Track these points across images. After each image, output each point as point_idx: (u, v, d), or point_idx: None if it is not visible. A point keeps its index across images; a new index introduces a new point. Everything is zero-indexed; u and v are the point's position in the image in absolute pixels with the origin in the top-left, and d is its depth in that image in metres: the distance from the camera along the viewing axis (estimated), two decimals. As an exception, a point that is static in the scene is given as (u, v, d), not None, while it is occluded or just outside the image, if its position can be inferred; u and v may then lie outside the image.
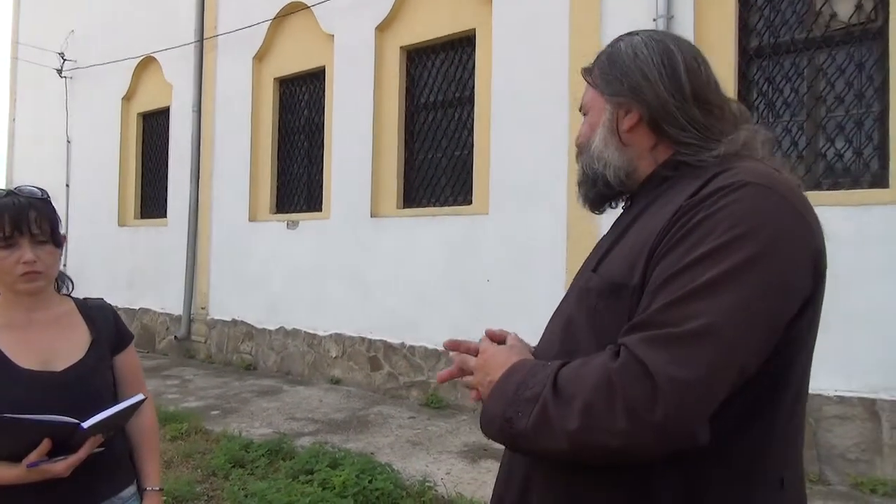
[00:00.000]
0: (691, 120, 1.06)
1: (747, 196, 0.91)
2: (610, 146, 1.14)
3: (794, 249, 0.90)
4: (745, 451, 0.94)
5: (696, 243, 0.89)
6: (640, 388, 0.83)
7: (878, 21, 4.11)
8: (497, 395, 1.00)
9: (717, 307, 0.84)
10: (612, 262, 1.06)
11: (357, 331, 6.63)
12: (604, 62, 1.17)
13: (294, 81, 7.71)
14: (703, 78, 1.09)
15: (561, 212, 5.25)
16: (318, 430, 5.27)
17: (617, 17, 5.01)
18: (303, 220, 7.30)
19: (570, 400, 0.89)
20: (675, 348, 0.83)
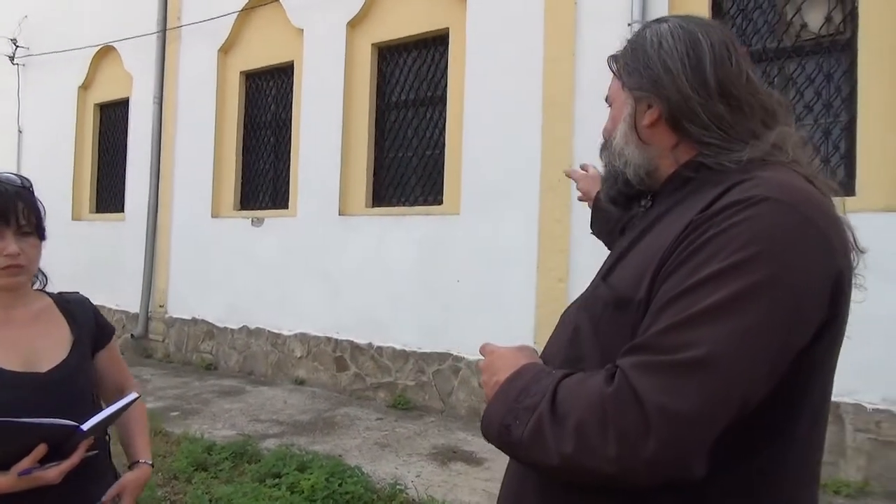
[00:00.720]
0: (716, 117, 0.98)
1: (764, 213, 0.83)
2: (630, 143, 1.07)
3: (811, 276, 0.83)
4: (750, 479, 0.89)
5: (703, 263, 0.83)
6: (632, 417, 0.79)
7: (846, 33, 4.21)
8: (500, 399, 0.97)
9: (717, 336, 0.78)
10: (622, 271, 1.00)
11: (323, 330, 6.53)
12: (627, 51, 1.09)
13: (261, 75, 7.56)
14: (733, 70, 1.00)
15: (532, 213, 5.24)
16: (283, 431, 5.16)
17: (592, 22, 5.03)
18: (268, 218, 7.16)
19: (565, 419, 0.85)
20: (669, 377, 0.79)
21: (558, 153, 5.12)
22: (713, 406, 0.78)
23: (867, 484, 3.85)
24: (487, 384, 1.03)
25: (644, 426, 0.78)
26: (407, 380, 5.90)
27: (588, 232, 5.24)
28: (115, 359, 1.65)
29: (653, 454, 0.77)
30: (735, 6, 4.66)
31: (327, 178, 6.58)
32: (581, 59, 5.06)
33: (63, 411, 1.30)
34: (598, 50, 4.92)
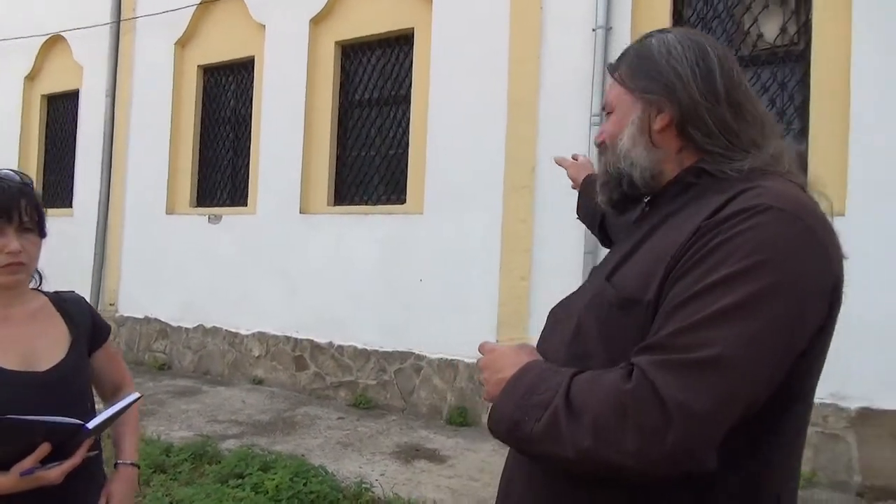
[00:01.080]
0: (721, 123, 1.03)
1: (769, 222, 0.88)
2: (638, 145, 1.09)
3: (812, 282, 0.88)
4: (747, 471, 0.94)
5: (712, 268, 0.87)
6: (652, 413, 0.82)
7: (800, 44, 4.40)
8: (507, 396, 0.99)
9: (730, 337, 0.83)
10: (627, 273, 1.03)
11: (282, 329, 6.46)
12: (633, 58, 1.12)
13: (220, 70, 7.43)
14: (736, 80, 1.05)
15: (496, 213, 5.30)
16: (243, 432, 5.09)
17: (557, 26, 5.12)
18: (226, 215, 7.04)
19: (581, 414, 0.88)
20: (687, 375, 0.82)
21: (523, 154, 5.20)
22: (726, 403, 0.83)
23: (814, 475, 4.02)
24: (489, 382, 1.05)
25: (664, 421, 0.81)
26: (368, 379, 5.88)
27: (552, 231, 5.32)
28: (112, 358, 1.63)
29: (671, 448, 0.81)
30: (695, 14, 4.81)
31: (288, 175, 6.51)
32: (546, 62, 5.15)
33: (62, 411, 1.28)
34: (563, 53, 5.05)
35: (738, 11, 4.63)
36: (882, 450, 3.87)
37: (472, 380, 5.37)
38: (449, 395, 5.47)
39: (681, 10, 4.84)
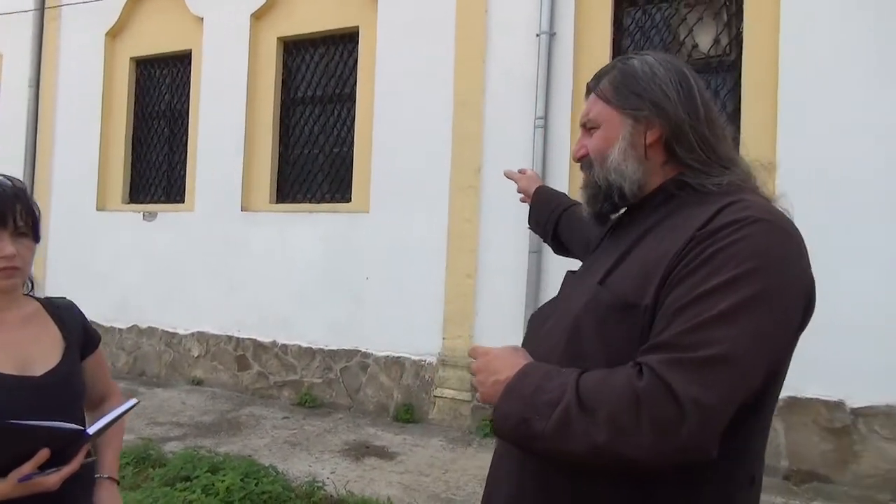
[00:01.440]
0: (702, 140, 1.12)
1: (759, 232, 0.97)
2: (630, 159, 1.16)
3: (796, 285, 0.99)
4: (731, 454, 1.01)
5: (711, 273, 0.95)
6: (667, 408, 0.89)
7: (732, 55, 4.66)
8: (512, 396, 1.03)
9: (733, 336, 0.91)
10: (621, 278, 1.09)
11: (223, 329, 6.35)
12: (618, 78, 1.18)
13: (154, 63, 7.21)
14: (709, 100, 1.16)
15: (442, 213, 5.38)
16: (185, 434, 4.99)
17: (502, 30, 5.23)
18: (162, 212, 6.85)
19: (594, 411, 0.93)
20: (698, 372, 0.89)
21: (468, 154, 5.29)
22: (733, 395, 0.92)
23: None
24: (484, 384, 1.10)
25: (679, 415, 0.88)
26: (313, 377, 5.86)
27: (497, 230, 5.43)
28: (101, 366, 1.62)
29: (686, 440, 0.89)
30: (634, 24, 5.01)
31: (228, 172, 6.40)
32: (491, 64, 5.25)
33: (58, 415, 1.28)
34: (507, 56, 5.17)
35: (674, 22, 4.86)
36: (807, 436, 4.17)
37: (419, 377, 5.44)
38: (396, 392, 5.52)
39: (621, 19, 5.04)
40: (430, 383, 5.39)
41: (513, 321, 4.94)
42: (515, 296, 5.03)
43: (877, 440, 4.03)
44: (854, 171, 4.11)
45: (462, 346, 5.25)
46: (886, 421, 4.02)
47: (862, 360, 4.04)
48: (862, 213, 4.08)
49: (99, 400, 1.62)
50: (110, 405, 1.59)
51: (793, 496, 3.97)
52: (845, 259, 3.99)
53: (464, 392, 5.23)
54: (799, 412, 4.17)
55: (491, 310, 5.17)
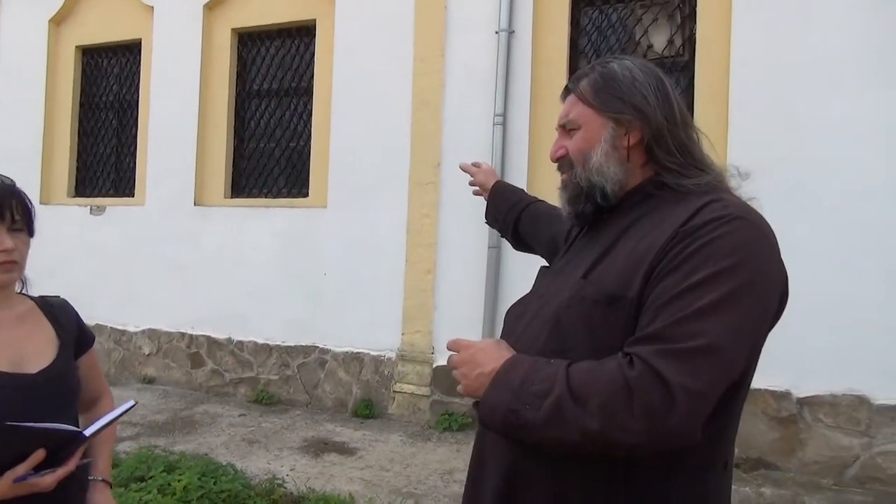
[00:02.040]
0: (679, 143, 1.17)
1: (739, 229, 1.02)
2: (612, 160, 1.19)
3: (773, 279, 1.05)
4: (707, 441, 1.04)
5: (695, 268, 0.99)
6: (657, 395, 0.93)
7: (685, 56, 4.79)
8: (500, 387, 1.05)
9: (719, 327, 0.95)
10: (605, 272, 1.12)
11: (175, 326, 6.21)
12: (599, 81, 1.22)
13: (102, 52, 6.98)
14: (684, 107, 1.22)
15: (401, 208, 5.37)
16: (138, 433, 4.87)
17: (461, 26, 5.25)
18: (110, 206, 6.66)
19: (586, 400, 0.96)
20: (686, 362, 0.94)
21: (427, 150, 5.30)
22: (716, 383, 0.96)
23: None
24: (468, 377, 1.11)
25: (669, 402, 0.92)
26: (270, 374, 5.79)
27: (456, 226, 5.44)
28: (94, 366, 1.60)
29: (675, 425, 0.93)
30: (591, 23, 5.10)
31: (181, 166, 6.25)
32: (451, 60, 5.27)
33: (53, 414, 1.26)
34: (467, 53, 5.20)
35: (630, 23, 4.96)
36: (756, 425, 4.33)
37: (378, 372, 5.44)
38: (354, 387, 5.50)
39: (578, 18, 5.11)
40: (390, 378, 5.39)
41: (472, 316, 4.99)
42: (475, 291, 5.06)
43: (821, 428, 4.22)
44: (804, 169, 4.28)
45: (421, 342, 5.26)
46: (831, 410, 4.20)
47: (808, 352, 4.21)
48: (811, 209, 4.25)
49: (92, 400, 1.60)
50: (103, 406, 1.59)
51: (743, 483, 4.12)
52: (794, 254, 4.12)
53: (423, 387, 5.25)
54: (748, 402, 4.29)
55: (450, 305, 5.19)
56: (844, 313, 4.17)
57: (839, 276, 4.18)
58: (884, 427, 4.11)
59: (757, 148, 4.36)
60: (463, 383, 1.12)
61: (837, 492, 4.05)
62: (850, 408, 4.17)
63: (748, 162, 4.11)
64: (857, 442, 4.16)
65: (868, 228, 4.15)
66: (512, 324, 1.30)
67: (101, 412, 1.37)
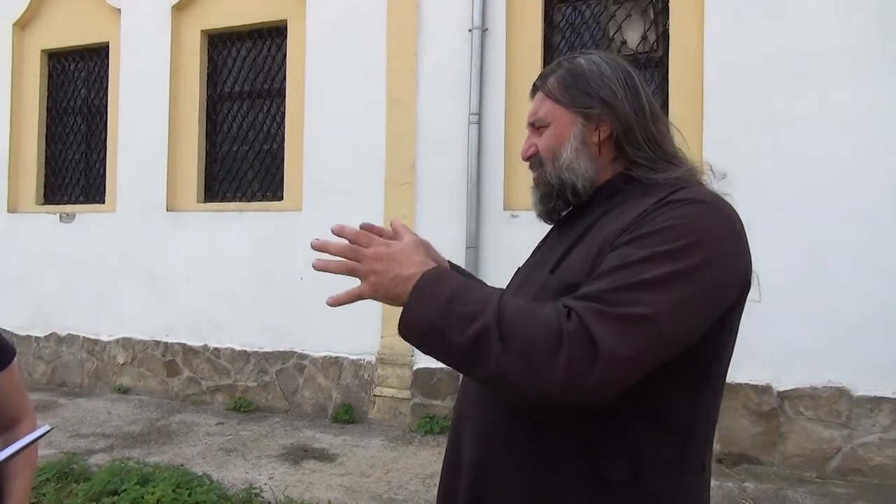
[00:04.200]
0: (649, 137, 1.15)
1: (702, 211, 1.02)
2: (582, 157, 1.18)
3: (730, 264, 1.03)
4: (678, 439, 1.06)
5: (652, 242, 0.99)
6: (584, 353, 0.91)
7: (659, 52, 4.78)
8: (423, 298, 1.01)
9: (659, 300, 0.94)
10: (569, 266, 1.12)
11: (150, 334, 6.09)
12: (566, 77, 1.20)
13: (69, 56, 6.84)
14: (653, 100, 1.19)
15: (377, 209, 5.30)
16: (112, 445, 4.76)
17: (434, 25, 5.20)
18: (80, 213, 6.51)
19: (513, 338, 0.94)
20: (620, 327, 0.92)
21: (403, 150, 5.24)
22: (644, 354, 0.94)
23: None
24: (383, 275, 1.04)
25: (592, 362, 0.91)
26: (248, 381, 5.70)
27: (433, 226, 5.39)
28: (15, 384, 1.47)
29: (593, 384, 0.91)
30: (565, 20, 5.07)
31: (152, 171, 6.13)
32: (424, 60, 5.21)
33: None
34: (440, 51, 5.15)
35: (603, 19, 4.94)
36: (738, 420, 4.32)
37: (358, 376, 5.36)
38: (334, 392, 5.42)
39: (551, 15, 5.08)
40: (370, 382, 5.32)
41: (451, 317, 4.93)
42: (453, 292, 5.00)
43: (802, 421, 4.22)
44: (778, 163, 4.29)
45: (401, 344, 5.20)
46: (811, 402, 4.20)
47: (787, 346, 4.22)
48: (785, 203, 4.26)
49: (10, 422, 1.46)
50: (24, 429, 1.44)
51: (726, 478, 4.11)
52: (770, 248, 4.13)
53: (404, 390, 5.19)
54: (729, 397, 4.31)
55: (429, 306, 5.12)
56: (822, 307, 4.18)
57: (815, 270, 4.20)
58: (863, 419, 4.12)
59: (731, 142, 4.36)
60: (370, 280, 1.05)
61: (820, 484, 4.05)
62: (831, 400, 4.17)
63: (722, 156, 4.16)
64: (838, 434, 4.16)
65: (842, 222, 4.17)
66: None
67: (19, 435, 1.25)
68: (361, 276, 1.07)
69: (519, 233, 4.66)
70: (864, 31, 4.17)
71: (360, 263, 1.07)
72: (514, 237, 4.71)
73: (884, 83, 4.12)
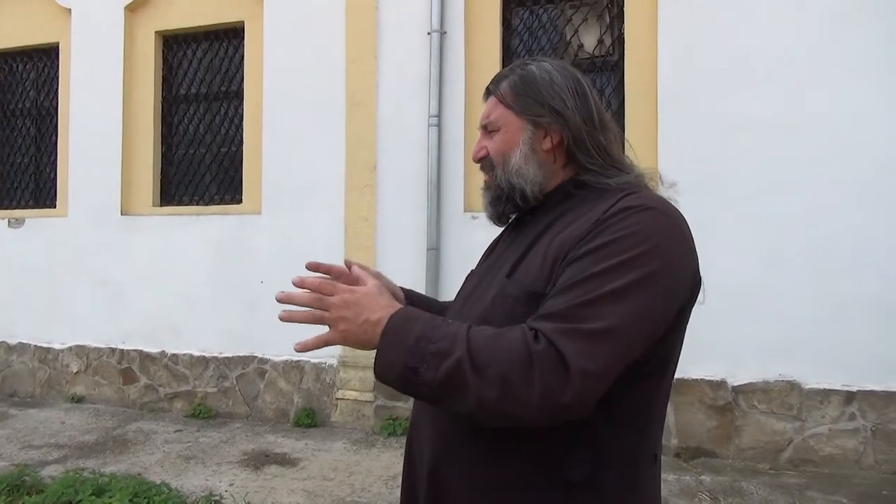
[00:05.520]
0: (597, 144, 1.19)
1: (650, 218, 1.05)
2: (531, 163, 1.21)
3: (682, 268, 1.07)
4: (634, 433, 1.10)
5: (605, 255, 1.02)
6: (557, 373, 0.94)
7: (615, 55, 4.86)
8: (394, 341, 1.02)
9: (621, 312, 0.98)
10: (526, 270, 1.14)
11: (105, 341, 5.95)
12: (518, 83, 1.22)
13: (16, 57, 6.65)
14: (601, 105, 1.23)
15: (338, 212, 5.28)
16: (65, 456, 4.63)
17: (392, 27, 5.20)
18: (30, 218, 6.33)
19: (486, 367, 0.96)
20: (586, 343, 0.96)
21: (363, 153, 5.23)
22: (615, 366, 0.98)
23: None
24: (352, 321, 1.06)
25: (565, 381, 0.94)
26: (207, 387, 5.61)
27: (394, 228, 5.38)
28: None
29: (569, 401, 0.94)
30: (522, 24, 5.12)
31: (105, 174, 6.00)
32: (383, 62, 5.21)
33: None
34: (399, 54, 5.16)
35: (560, 23, 5.01)
36: (694, 415, 4.42)
37: (320, 380, 5.33)
38: (296, 397, 5.37)
39: (509, 19, 5.14)
40: (332, 386, 5.29)
41: (413, 319, 4.92)
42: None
43: (756, 415, 4.34)
44: (732, 164, 4.40)
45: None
46: (764, 396, 4.33)
47: (741, 342, 4.34)
48: (738, 204, 4.37)
49: None
50: None
51: (683, 472, 4.20)
52: (723, 248, 4.26)
53: (366, 392, 5.17)
54: (685, 392, 4.41)
55: (391, 308, 5.11)
56: (773, 303, 4.31)
57: (767, 267, 4.32)
58: (814, 410, 4.26)
59: (686, 143, 4.47)
60: (341, 327, 1.06)
61: (773, 475, 4.17)
62: (783, 393, 4.30)
63: (678, 157, 4.25)
64: (790, 426, 4.29)
65: (795, 223, 4.30)
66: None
67: None
68: (330, 324, 1.08)
69: (479, 234, 4.69)
70: (819, 34, 4.29)
71: (327, 312, 1.08)
72: (474, 238, 4.74)
73: (838, 85, 4.25)
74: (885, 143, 4.17)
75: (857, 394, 4.19)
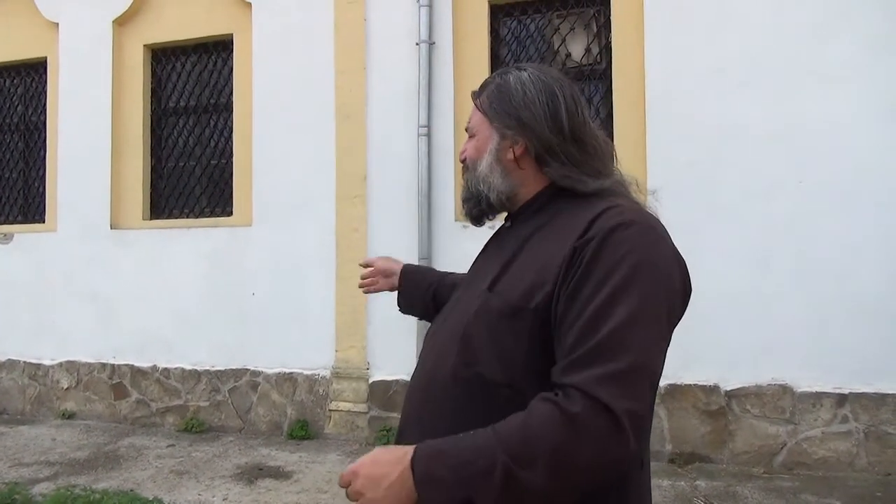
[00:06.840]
0: (568, 156, 1.17)
1: (636, 235, 1.03)
2: (495, 171, 1.22)
3: (674, 281, 1.07)
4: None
5: (602, 282, 1.00)
6: (605, 425, 0.92)
7: (602, 64, 4.90)
8: (433, 484, 0.96)
9: (639, 342, 0.97)
10: (509, 283, 1.13)
11: (96, 356, 5.91)
12: (493, 92, 1.24)
13: (4, 71, 6.62)
14: (579, 119, 1.19)
15: (329, 222, 5.28)
16: (56, 473, 4.59)
17: (382, 38, 5.22)
18: (18, 233, 6.29)
19: (534, 460, 0.92)
20: (622, 384, 0.94)
21: (353, 163, 5.23)
22: (650, 394, 1.00)
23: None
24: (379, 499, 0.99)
25: (618, 428, 0.92)
26: (200, 401, 5.57)
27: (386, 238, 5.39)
28: None
29: (624, 449, 0.93)
30: (510, 34, 5.16)
31: (94, 189, 5.97)
32: (373, 73, 5.22)
33: None
34: (388, 65, 5.17)
35: (548, 32, 5.05)
36: (687, 420, 4.43)
37: (313, 391, 5.31)
38: (289, 409, 5.35)
39: (497, 28, 5.17)
40: (325, 397, 5.27)
41: (405, 329, 4.92)
42: (407, 303, 5.00)
43: (749, 419, 4.36)
44: (719, 170, 4.44)
45: (356, 357, 5.17)
46: (756, 400, 4.34)
47: (733, 346, 4.36)
48: (727, 209, 4.41)
49: None
50: None
51: (678, 477, 4.20)
52: (713, 253, 4.29)
53: (360, 403, 5.16)
54: (679, 398, 4.43)
55: (383, 319, 5.11)
56: (763, 307, 4.33)
57: (756, 272, 4.35)
58: (806, 414, 4.28)
59: (673, 150, 4.50)
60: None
61: (767, 479, 4.18)
62: (775, 397, 4.32)
63: (666, 164, 4.28)
64: (783, 430, 4.31)
65: (782, 226, 4.34)
66: (428, 342, 1.30)
67: None
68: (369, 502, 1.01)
69: (470, 243, 4.64)
70: (799, 42, 4.35)
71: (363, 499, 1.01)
72: (465, 248, 4.71)
73: (818, 93, 4.30)
74: (869, 148, 4.22)
75: (848, 396, 4.22)
